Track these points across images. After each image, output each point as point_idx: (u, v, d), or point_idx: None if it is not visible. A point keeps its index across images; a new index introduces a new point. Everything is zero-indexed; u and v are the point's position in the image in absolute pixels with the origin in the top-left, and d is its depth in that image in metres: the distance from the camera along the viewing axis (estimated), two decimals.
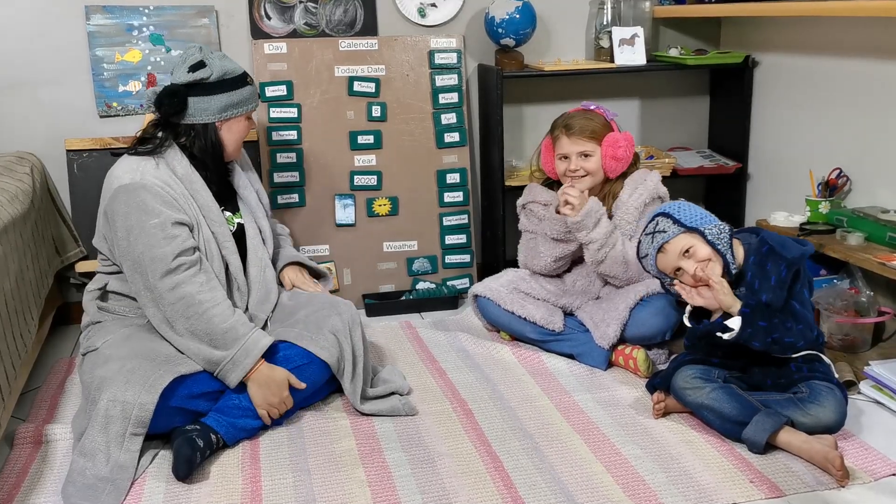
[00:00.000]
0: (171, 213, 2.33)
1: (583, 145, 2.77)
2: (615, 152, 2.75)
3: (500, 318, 2.93)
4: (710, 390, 2.27)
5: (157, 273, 2.30)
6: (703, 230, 2.34)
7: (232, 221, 2.58)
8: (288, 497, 2.07)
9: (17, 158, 2.98)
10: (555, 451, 2.24)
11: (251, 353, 2.30)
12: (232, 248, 2.50)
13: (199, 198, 2.45)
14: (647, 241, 2.43)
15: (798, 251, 2.28)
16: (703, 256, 2.32)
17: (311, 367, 2.40)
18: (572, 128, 2.78)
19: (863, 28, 2.85)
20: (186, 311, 2.30)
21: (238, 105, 2.49)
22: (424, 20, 3.43)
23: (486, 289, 2.97)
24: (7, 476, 2.20)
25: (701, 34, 3.67)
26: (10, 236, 2.47)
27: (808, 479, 2.07)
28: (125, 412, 2.14)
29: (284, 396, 2.34)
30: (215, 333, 2.29)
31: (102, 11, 3.16)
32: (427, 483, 2.11)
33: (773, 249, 2.29)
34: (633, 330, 2.71)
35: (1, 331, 2.26)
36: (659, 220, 2.41)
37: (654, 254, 2.39)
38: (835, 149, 3.03)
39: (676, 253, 2.35)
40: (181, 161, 2.45)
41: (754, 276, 2.30)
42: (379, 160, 3.38)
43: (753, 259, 2.31)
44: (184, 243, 2.33)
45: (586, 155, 2.78)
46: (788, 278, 2.26)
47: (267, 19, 3.31)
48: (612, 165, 2.77)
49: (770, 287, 2.26)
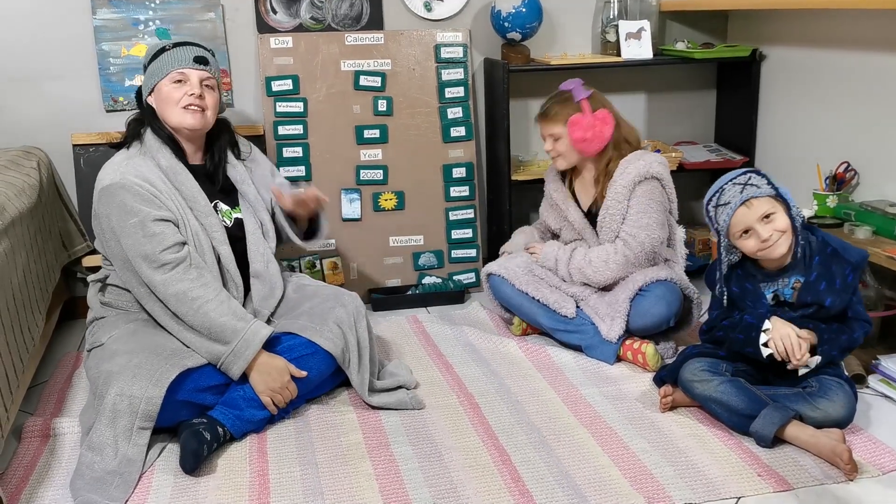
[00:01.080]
0: (151, 211, 2.33)
1: (551, 128, 2.82)
2: (575, 133, 2.76)
3: (513, 299, 2.92)
4: (719, 383, 2.27)
5: (146, 270, 2.31)
6: (790, 202, 2.27)
7: (230, 216, 2.56)
8: (295, 490, 2.07)
9: (24, 153, 2.99)
10: (562, 444, 2.24)
11: (251, 343, 2.30)
12: (221, 238, 2.47)
13: (184, 190, 2.44)
14: (732, 190, 2.29)
15: (860, 254, 2.27)
16: (782, 227, 2.23)
17: (315, 357, 2.41)
18: (543, 112, 2.85)
19: (870, 21, 2.84)
20: (181, 308, 2.31)
21: (155, 73, 2.46)
22: (430, 14, 3.42)
23: (500, 267, 2.96)
24: (15, 469, 2.20)
25: (708, 28, 3.66)
26: (17, 231, 2.47)
27: (816, 472, 2.07)
28: (132, 406, 2.14)
29: (285, 381, 2.34)
30: (213, 327, 2.30)
31: (108, 6, 3.16)
32: (434, 476, 2.11)
33: (836, 252, 2.26)
34: (637, 320, 2.71)
35: (9, 325, 2.26)
36: (752, 176, 2.29)
37: (737, 204, 2.25)
38: (842, 142, 3.02)
39: (760, 213, 2.24)
40: (164, 152, 2.45)
41: (820, 276, 2.25)
42: (385, 154, 3.38)
43: (819, 259, 2.27)
44: (167, 239, 2.32)
45: (555, 138, 2.81)
46: (855, 282, 2.24)
47: (273, 13, 3.31)
48: (581, 146, 2.77)
49: (835, 290, 2.23)
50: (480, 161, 3.56)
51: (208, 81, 2.49)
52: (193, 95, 2.43)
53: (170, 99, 2.44)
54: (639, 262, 2.76)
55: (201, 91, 2.45)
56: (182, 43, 2.50)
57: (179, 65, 2.44)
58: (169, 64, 2.45)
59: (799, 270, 2.30)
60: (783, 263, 2.30)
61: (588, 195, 2.90)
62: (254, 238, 2.57)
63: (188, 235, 2.40)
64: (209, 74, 2.49)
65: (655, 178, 2.75)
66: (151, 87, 2.47)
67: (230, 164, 2.61)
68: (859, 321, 2.29)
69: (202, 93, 2.45)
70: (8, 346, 2.22)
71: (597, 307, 2.80)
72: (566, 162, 2.85)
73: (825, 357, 2.25)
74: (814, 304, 2.26)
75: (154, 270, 2.31)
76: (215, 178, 2.56)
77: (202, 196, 2.47)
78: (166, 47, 2.48)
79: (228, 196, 2.59)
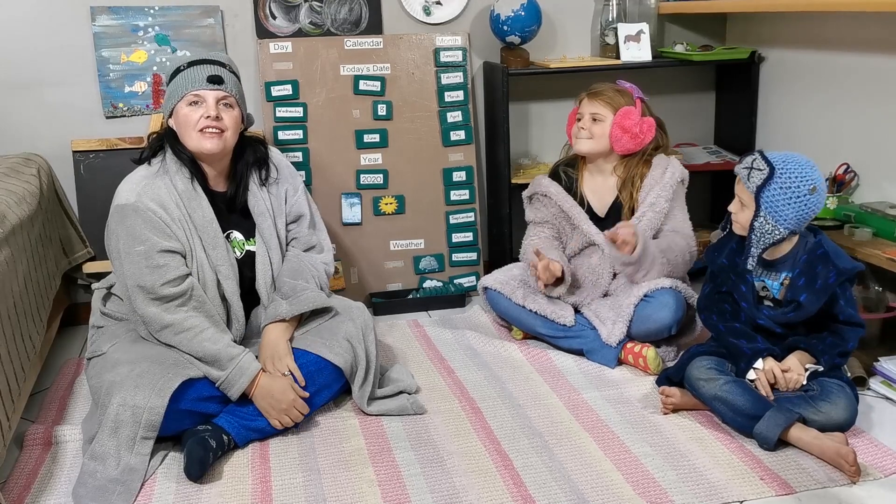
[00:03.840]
0: (159, 241, 2.30)
1: (597, 108, 2.81)
2: (623, 122, 2.76)
3: (510, 312, 2.92)
4: (724, 382, 2.28)
5: (141, 301, 2.30)
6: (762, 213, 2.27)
7: (242, 247, 2.50)
8: (298, 497, 2.07)
9: (24, 160, 2.99)
10: (564, 449, 2.24)
11: (246, 372, 2.27)
12: (227, 272, 2.41)
13: (196, 217, 2.39)
14: (746, 160, 2.33)
15: (851, 264, 2.28)
16: (740, 218, 2.34)
17: (325, 372, 2.40)
18: (596, 91, 2.84)
19: (869, 23, 2.84)
20: (174, 339, 2.29)
21: (173, 95, 2.41)
22: (429, 18, 3.42)
23: (496, 281, 2.96)
24: (17, 477, 2.20)
25: (706, 30, 3.66)
26: (17, 238, 2.47)
27: (819, 475, 2.07)
28: (135, 416, 2.14)
29: (291, 400, 2.31)
30: (207, 355, 2.27)
31: (108, 12, 3.16)
32: (437, 482, 2.11)
33: (827, 255, 2.28)
34: (640, 325, 2.71)
35: (10, 332, 2.26)
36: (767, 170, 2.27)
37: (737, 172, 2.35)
38: (842, 144, 3.02)
39: (736, 193, 2.36)
40: (182, 175, 2.40)
41: (801, 273, 2.29)
42: (385, 159, 3.38)
43: (805, 258, 2.30)
44: (169, 273, 2.29)
45: (597, 119, 2.81)
46: (835, 286, 2.26)
47: (272, 19, 3.31)
48: (618, 135, 2.78)
49: (814, 290, 2.25)
50: (480, 164, 3.56)
51: (226, 100, 2.40)
52: (209, 118, 2.35)
53: (187, 122, 2.37)
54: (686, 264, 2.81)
55: (217, 112, 2.37)
56: (197, 61, 2.42)
57: (193, 86, 2.37)
58: (183, 86, 2.38)
59: (789, 267, 2.34)
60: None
61: (603, 199, 2.89)
62: (263, 271, 2.51)
63: (193, 267, 2.36)
64: (225, 93, 2.40)
65: (682, 181, 2.86)
66: (170, 109, 2.42)
67: (251, 193, 2.52)
68: (851, 325, 2.30)
69: (219, 113, 2.38)
70: (9, 354, 2.22)
71: (598, 311, 2.80)
72: (591, 146, 2.83)
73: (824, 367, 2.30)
74: (792, 301, 2.30)
75: (149, 303, 2.28)
76: (233, 206, 2.50)
77: (214, 226, 2.41)
78: (181, 67, 2.41)
79: (245, 225, 2.52)
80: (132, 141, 3.17)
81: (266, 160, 2.57)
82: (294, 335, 2.45)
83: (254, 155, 2.54)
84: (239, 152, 2.51)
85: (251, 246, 2.51)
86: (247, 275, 2.49)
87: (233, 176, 2.51)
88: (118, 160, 3.11)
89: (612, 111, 2.79)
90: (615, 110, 2.79)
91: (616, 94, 2.81)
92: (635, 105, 2.80)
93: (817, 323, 2.34)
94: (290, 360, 2.36)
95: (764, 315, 2.36)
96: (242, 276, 2.47)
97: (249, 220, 2.52)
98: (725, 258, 2.42)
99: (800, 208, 2.24)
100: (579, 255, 2.91)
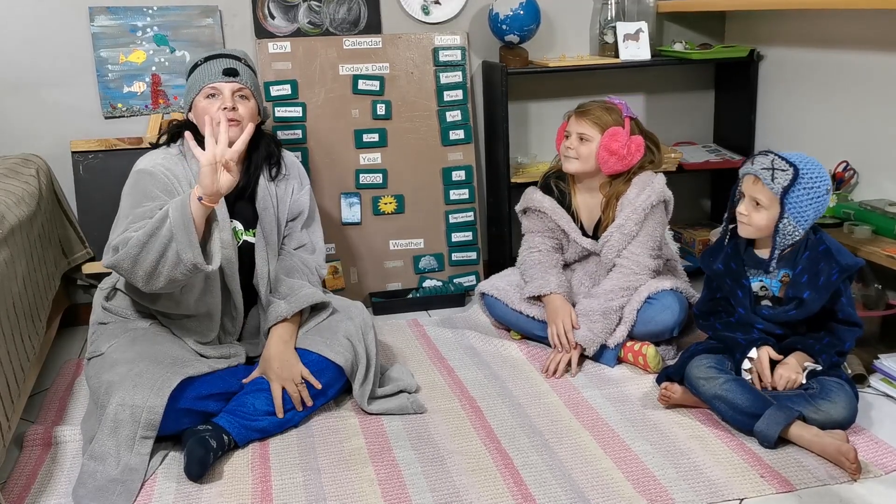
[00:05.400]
0: (166, 199, 2.33)
1: (585, 128, 2.74)
2: (610, 144, 2.70)
3: (508, 317, 2.92)
4: (724, 381, 2.28)
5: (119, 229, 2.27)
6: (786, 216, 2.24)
7: (239, 236, 2.53)
8: (298, 496, 2.07)
9: (23, 160, 2.98)
10: (564, 447, 2.24)
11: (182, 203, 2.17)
12: (229, 255, 2.43)
13: None
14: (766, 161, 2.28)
15: (853, 260, 2.28)
16: (757, 220, 2.29)
17: (327, 371, 2.41)
18: (583, 110, 2.78)
19: (868, 21, 2.84)
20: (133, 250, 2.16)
21: (191, 90, 2.52)
22: (428, 17, 3.42)
23: (492, 287, 2.97)
24: (17, 478, 2.20)
25: (705, 28, 3.66)
26: (16, 239, 2.47)
27: (820, 473, 2.07)
28: (134, 416, 2.14)
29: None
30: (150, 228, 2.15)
31: (106, 12, 3.16)
32: (437, 481, 2.11)
33: (829, 251, 2.28)
34: (641, 327, 2.71)
35: (9, 333, 2.26)
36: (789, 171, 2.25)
37: (753, 171, 2.28)
38: (841, 142, 3.02)
39: (754, 194, 2.29)
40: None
41: (804, 270, 2.29)
42: (384, 158, 3.38)
43: (808, 255, 2.30)
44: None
45: (584, 139, 2.75)
46: (838, 283, 2.26)
47: (271, 18, 3.31)
48: (605, 157, 2.72)
49: (816, 287, 2.26)
50: (480, 164, 3.56)
51: (241, 92, 2.49)
52: (226, 109, 2.42)
53: (206, 114, 2.43)
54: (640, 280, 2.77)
55: (234, 103, 2.45)
56: (213, 56, 2.53)
57: (210, 79, 2.47)
58: (200, 80, 2.48)
59: (789, 264, 2.33)
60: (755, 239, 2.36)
61: (591, 216, 2.87)
62: (261, 264, 2.53)
63: None
64: (241, 84, 2.49)
65: (664, 202, 2.77)
66: (189, 103, 2.52)
67: (259, 185, 2.58)
68: (849, 325, 2.31)
69: (235, 105, 2.45)
70: (9, 355, 2.22)
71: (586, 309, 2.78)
72: (578, 166, 2.77)
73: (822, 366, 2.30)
74: (794, 299, 2.29)
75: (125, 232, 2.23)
76: (241, 195, 2.54)
77: (223, 209, 2.44)
78: (198, 62, 2.52)
79: (246, 215, 2.55)
80: (131, 141, 3.17)
81: (278, 156, 2.66)
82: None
83: (266, 149, 2.62)
84: (254, 145, 2.57)
85: (249, 237, 2.55)
86: (243, 264, 2.51)
87: (247, 166, 2.57)
88: (117, 160, 3.11)
89: (600, 131, 2.73)
90: (602, 130, 2.72)
91: (604, 113, 2.75)
92: (624, 124, 2.75)
93: (817, 321, 2.34)
94: (302, 367, 2.38)
95: (763, 316, 2.36)
96: (240, 265, 2.50)
97: (252, 211, 2.57)
98: (721, 263, 2.41)
99: (818, 208, 2.25)
100: (577, 261, 2.93)
